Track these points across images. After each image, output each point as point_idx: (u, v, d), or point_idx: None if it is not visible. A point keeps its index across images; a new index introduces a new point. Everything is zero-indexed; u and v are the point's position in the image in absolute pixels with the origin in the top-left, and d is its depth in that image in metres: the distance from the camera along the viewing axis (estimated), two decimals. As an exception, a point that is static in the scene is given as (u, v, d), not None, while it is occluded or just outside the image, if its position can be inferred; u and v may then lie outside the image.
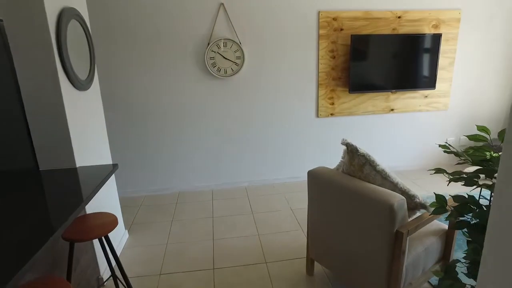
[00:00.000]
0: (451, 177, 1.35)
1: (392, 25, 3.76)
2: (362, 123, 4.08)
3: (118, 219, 2.74)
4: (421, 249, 1.93)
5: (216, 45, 3.48)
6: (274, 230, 3.00)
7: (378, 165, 1.81)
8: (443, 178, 4.03)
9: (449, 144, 1.30)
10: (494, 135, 4.52)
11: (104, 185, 2.53)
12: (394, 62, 3.78)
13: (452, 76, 4.12)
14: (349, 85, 3.76)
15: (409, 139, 4.27)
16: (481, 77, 4.24)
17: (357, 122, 4.07)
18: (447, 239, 2.14)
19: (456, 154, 1.30)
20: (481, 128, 1.20)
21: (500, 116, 4.46)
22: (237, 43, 3.50)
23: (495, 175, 1.31)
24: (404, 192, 1.77)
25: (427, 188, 3.76)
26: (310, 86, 3.82)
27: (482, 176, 1.31)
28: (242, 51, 3.52)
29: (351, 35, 3.58)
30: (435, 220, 2.12)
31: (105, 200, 2.57)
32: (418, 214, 1.85)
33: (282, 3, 3.51)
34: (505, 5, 4.02)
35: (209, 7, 3.40)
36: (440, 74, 4.05)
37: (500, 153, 1.35)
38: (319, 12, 3.59)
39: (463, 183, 1.27)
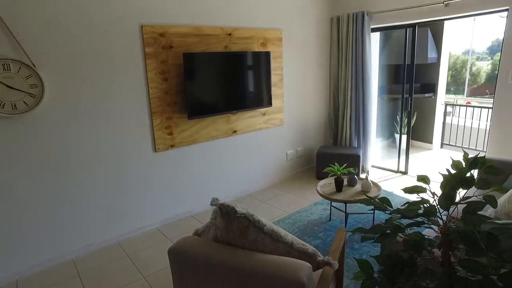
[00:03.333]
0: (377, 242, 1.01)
1: (224, 43, 3.50)
2: (207, 150, 3.67)
3: None
4: (321, 307, 1.60)
5: (-7, 70, 2.37)
6: (124, 318, 2.19)
7: (265, 225, 1.36)
8: (296, 196, 4.04)
9: (373, 199, 0.97)
10: (317, 145, 4.93)
11: None
12: (231, 81, 3.53)
13: (283, 92, 4.22)
14: (187, 111, 3.27)
15: (255, 158, 4.13)
16: (304, 92, 4.53)
17: (201, 150, 3.62)
18: (337, 277, 1.91)
19: (381, 208, 0.96)
20: (420, 178, 0.89)
21: (321, 126, 4.90)
22: (28, 66, 2.48)
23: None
24: (302, 253, 1.38)
25: (286, 209, 3.66)
26: (142, 116, 3.12)
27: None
28: (39, 77, 2.52)
29: (183, 53, 3.10)
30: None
31: None
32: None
33: (93, 11, 2.70)
34: (316, 30, 4.40)
35: (-29, 14, 2.27)
36: (273, 91, 4.07)
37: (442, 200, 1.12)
38: (142, 26, 2.95)
39: (404, 248, 0.94)
